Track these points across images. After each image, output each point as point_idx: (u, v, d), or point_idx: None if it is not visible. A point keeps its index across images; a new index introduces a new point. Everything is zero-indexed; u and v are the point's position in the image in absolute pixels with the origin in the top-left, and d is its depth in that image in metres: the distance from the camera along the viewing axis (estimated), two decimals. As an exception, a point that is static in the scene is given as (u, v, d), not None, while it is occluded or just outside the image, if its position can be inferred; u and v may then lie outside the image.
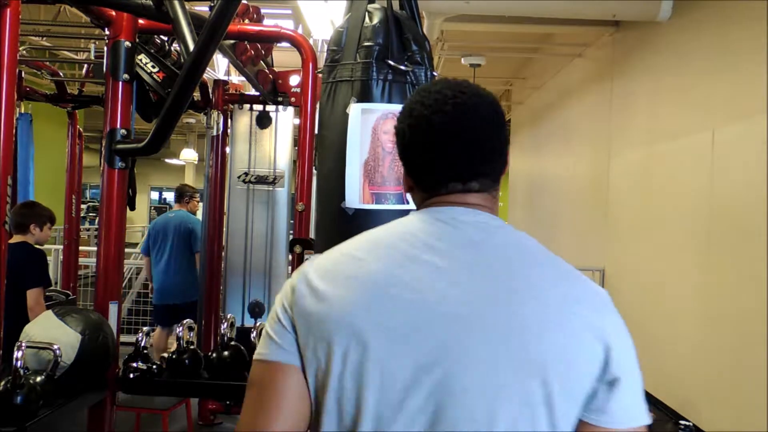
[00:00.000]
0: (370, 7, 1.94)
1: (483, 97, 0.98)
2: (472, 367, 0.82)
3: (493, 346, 0.83)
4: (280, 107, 4.43)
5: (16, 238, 3.44)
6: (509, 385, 0.82)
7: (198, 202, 5.54)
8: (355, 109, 1.89)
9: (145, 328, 2.90)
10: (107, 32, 2.60)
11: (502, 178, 1.00)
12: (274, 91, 4.28)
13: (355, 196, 1.87)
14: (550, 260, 0.93)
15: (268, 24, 4.05)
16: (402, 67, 1.86)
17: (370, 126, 1.88)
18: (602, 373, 0.86)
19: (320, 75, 2.08)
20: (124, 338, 3.08)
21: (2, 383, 2.11)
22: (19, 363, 2.13)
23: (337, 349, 0.85)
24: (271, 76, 4.20)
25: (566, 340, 0.85)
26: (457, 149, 0.94)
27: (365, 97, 1.88)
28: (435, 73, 1.95)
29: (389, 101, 1.87)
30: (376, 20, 1.90)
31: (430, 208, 0.96)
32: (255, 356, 0.93)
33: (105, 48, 2.65)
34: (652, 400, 4.49)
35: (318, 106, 2.64)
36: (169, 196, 21.73)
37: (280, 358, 0.90)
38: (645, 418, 0.89)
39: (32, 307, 3.24)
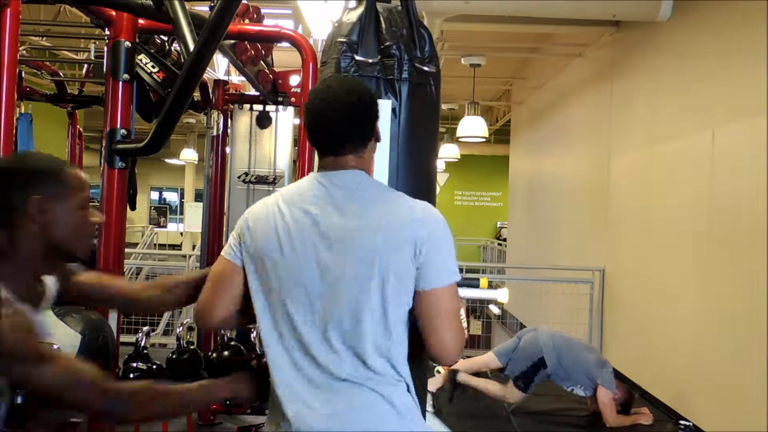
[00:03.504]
0: (353, 3, 1.96)
1: (346, 93, 1.47)
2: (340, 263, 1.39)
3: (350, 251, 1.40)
4: (280, 107, 4.43)
5: None
6: (360, 272, 1.38)
7: None
8: None
9: (144, 328, 2.90)
10: (107, 32, 2.60)
11: (371, 142, 1.52)
12: (274, 91, 4.28)
13: None
14: (386, 196, 1.48)
15: (268, 24, 4.05)
16: (369, 60, 1.88)
17: None
18: (414, 257, 1.39)
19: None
20: (124, 338, 3.08)
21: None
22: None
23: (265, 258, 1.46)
24: (271, 76, 4.20)
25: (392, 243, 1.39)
26: (326, 135, 1.49)
27: None
28: (426, 67, 1.93)
29: None
30: (353, 16, 1.92)
31: (320, 173, 1.50)
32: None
33: (105, 48, 2.65)
34: (652, 400, 4.49)
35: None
36: (170, 196, 21.72)
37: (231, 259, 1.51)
38: (453, 278, 1.41)
39: None
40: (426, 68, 1.91)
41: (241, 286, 1.48)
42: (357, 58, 1.88)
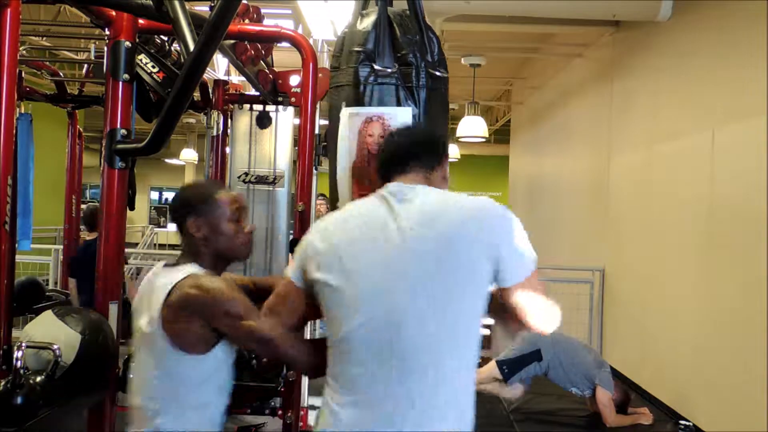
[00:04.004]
0: (367, 10, 1.97)
1: (415, 135, 1.60)
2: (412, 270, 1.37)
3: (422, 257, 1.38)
4: (280, 107, 4.42)
5: (92, 235, 4.50)
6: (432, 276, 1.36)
7: None
8: (344, 114, 1.95)
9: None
10: (107, 32, 2.59)
11: (437, 169, 1.55)
12: (274, 91, 4.27)
13: (346, 199, 1.94)
14: (442, 200, 1.44)
15: (268, 24, 4.05)
16: (388, 70, 1.88)
17: (357, 129, 1.92)
18: (490, 256, 1.38)
19: (320, 75, 2.11)
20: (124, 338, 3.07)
21: (2, 383, 2.11)
22: (19, 363, 2.12)
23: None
24: (271, 76, 4.19)
25: (462, 245, 1.37)
26: (398, 151, 1.55)
27: (354, 101, 1.94)
28: (438, 71, 1.94)
29: (379, 104, 1.91)
30: (367, 24, 1.92)
31: (385, 187, 1.51)
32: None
33: (105, 48, 2.65)
34: (652, 400, 4.49)
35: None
36: (170, 196, 21.72)
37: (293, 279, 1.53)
38: (530, 268, 1.42)
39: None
40: (438, 73, 1.93)
41: (303, 306, 1.52)
42: (376, 67, 1.89)
